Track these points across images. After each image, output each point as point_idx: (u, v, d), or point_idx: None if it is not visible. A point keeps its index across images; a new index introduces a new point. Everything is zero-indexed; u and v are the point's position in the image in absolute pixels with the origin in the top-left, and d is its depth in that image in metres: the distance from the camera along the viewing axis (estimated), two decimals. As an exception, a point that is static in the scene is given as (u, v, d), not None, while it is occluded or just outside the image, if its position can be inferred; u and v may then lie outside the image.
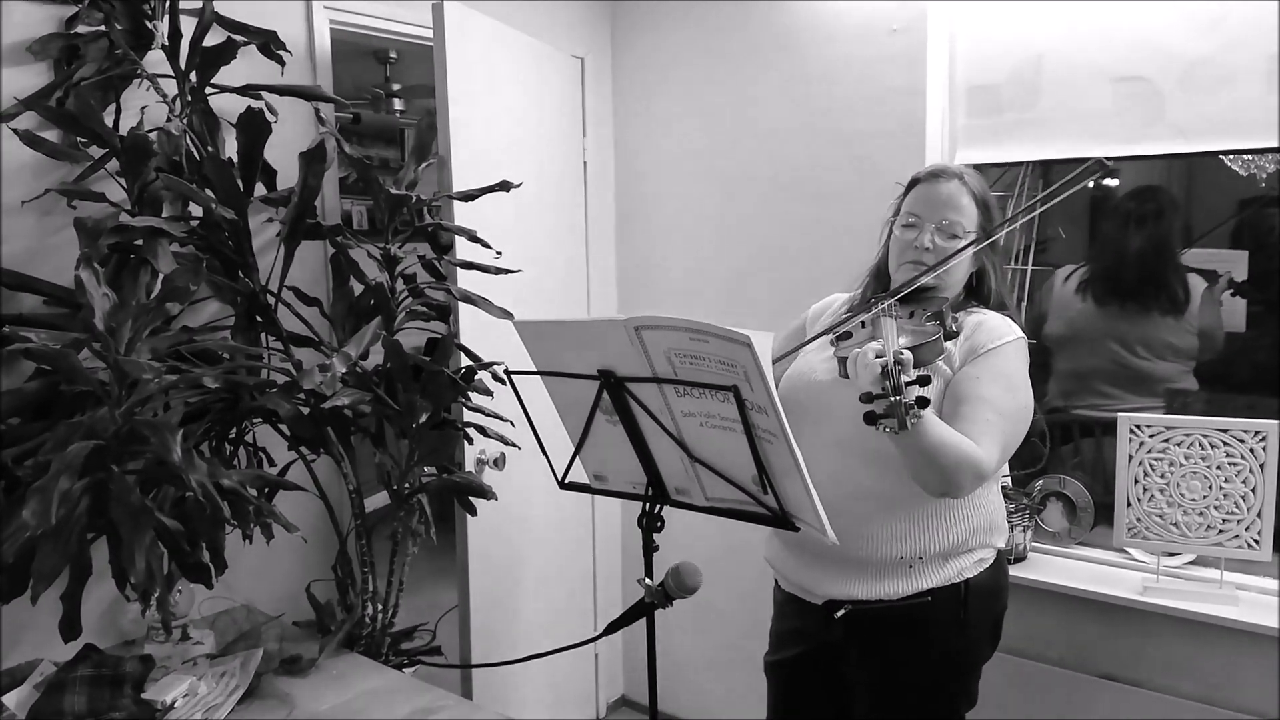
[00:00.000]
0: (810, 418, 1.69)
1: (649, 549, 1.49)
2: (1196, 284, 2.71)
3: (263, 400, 1.86)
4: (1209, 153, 2.29)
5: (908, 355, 1.36)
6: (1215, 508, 2.17)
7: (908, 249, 1.71)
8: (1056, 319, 2.81)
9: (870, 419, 1.35)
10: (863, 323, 1.63)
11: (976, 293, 1.78)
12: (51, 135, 1.87)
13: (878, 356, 1.38)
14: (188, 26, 1.92)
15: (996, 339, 1.65)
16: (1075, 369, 2.82)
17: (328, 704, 1.79)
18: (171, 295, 1.72)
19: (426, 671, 2.30)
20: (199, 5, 1.93)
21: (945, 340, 1.61)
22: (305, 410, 1.93)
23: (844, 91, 2.63)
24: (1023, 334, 1.70)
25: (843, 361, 1.53)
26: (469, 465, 2.42)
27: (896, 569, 1.68)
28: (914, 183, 1.77)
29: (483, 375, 2.19)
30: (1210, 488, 2.17)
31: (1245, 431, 2.13)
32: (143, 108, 1.93)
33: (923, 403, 1.35)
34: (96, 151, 1.88)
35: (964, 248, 1.68)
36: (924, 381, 1.35)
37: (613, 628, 1.52)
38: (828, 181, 2.66)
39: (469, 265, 2.21)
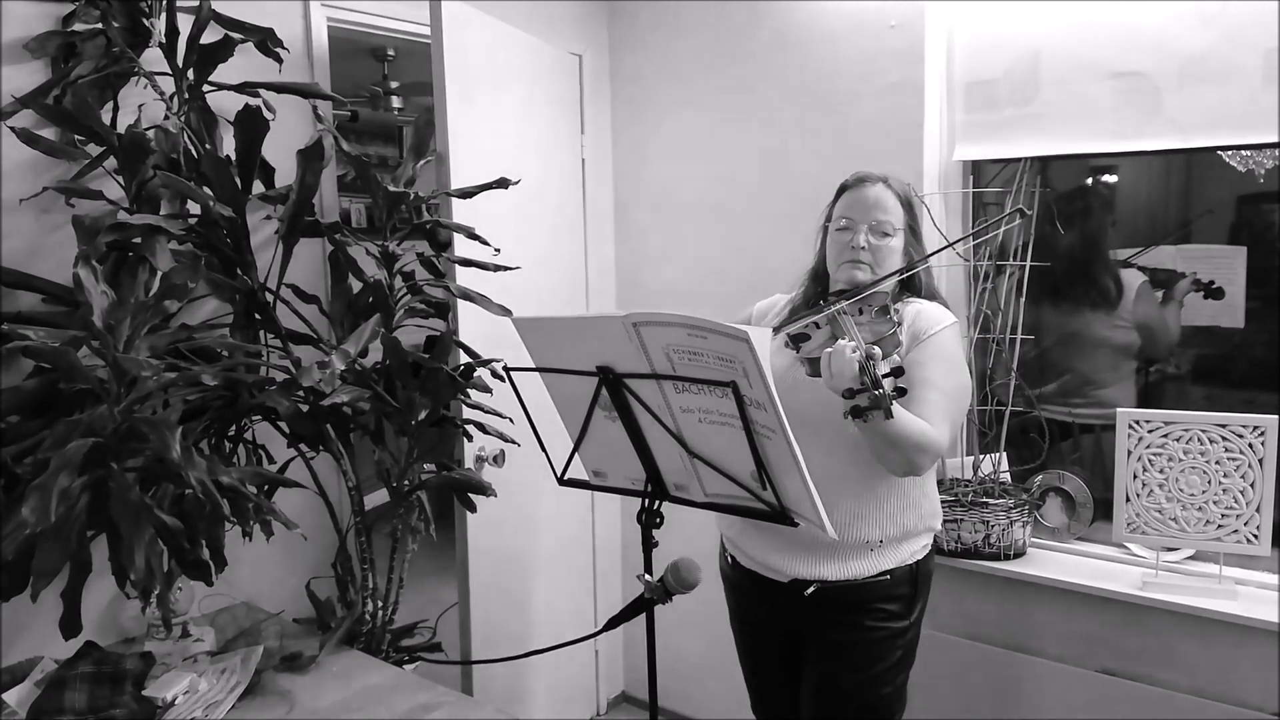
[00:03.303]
0: None
1: (648, 545, 1.50)
2: (1132, 279, 2.73)
3: (262, 398, 1.86)
4: (1207, 148, 2.29)
5: (877, 349, 1.44)
6: (1214, 503, 2.17)
7: (845, 250, 1.81)
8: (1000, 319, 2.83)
9: (857, 412, 1.42)
10: (817, 324, 1.70)
11: (908, 284, 1.89)
12: (49, 133, 1.87)
13: (852, 354, 1.45)
14: (185, 24, 1.92)
15: (935, 325, 1.77)
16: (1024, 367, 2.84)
17: (328, 701, 1.80)
18: (170, 293, 1.72)
19: (426, 668, 2.30)
20: (196, 3, 1.93)
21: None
22: (304, 407, 1.93)
23: (842, 87, 2.63)
24: (956, 319, 1.82)
25: (811, 361, 1.59)
26: (468, 462, 2.42)
27: (861, 551, 1.78)
28: (843, 189, 1.90)
29: (481, 372, 2.19)
30: (1209, 483, 2.17)
31: (1244, 427, 2.14)
32: (140, 105, 1.93)
33: (900, 391, 1.44)
34: (94, 149, 1.88)
35: (930, 256, 1.82)
36: (899, 372, 1.43)
37: (612, 624, 1.53)
38: (826, 177, 2.64)
39: (467, 262, 2.21)
